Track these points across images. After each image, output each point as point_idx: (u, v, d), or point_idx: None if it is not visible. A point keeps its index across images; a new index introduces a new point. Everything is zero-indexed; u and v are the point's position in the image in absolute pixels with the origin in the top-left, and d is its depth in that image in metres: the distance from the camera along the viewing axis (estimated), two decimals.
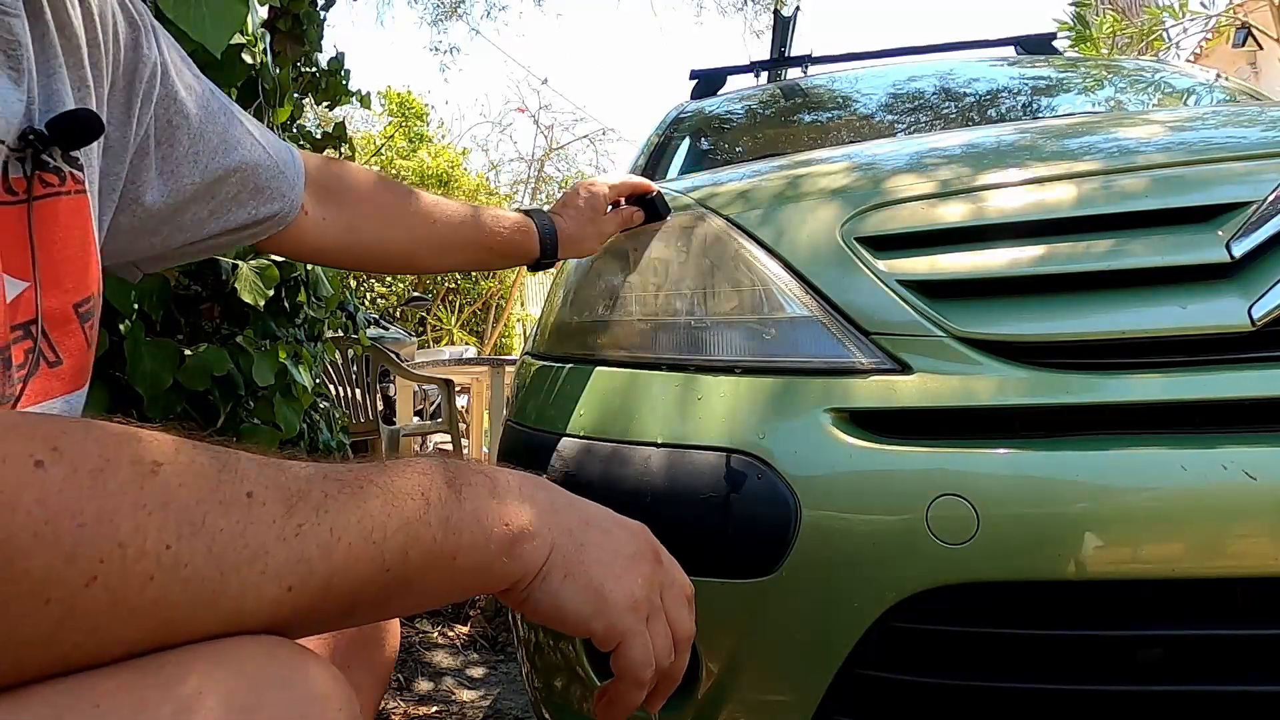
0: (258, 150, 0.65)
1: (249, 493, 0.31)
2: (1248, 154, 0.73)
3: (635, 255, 0.91)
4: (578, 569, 0.43)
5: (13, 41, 0.43)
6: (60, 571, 0.26)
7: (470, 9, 10.28)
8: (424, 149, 10.98)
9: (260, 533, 0.31)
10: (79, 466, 0.27)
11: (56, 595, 0.26)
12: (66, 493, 0.27)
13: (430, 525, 0.37)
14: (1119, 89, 1.84)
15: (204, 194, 0.61)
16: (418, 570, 0.37)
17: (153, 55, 0.56)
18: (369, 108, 2.16)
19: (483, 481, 0.40)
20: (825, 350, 0.73)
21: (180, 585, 0.29)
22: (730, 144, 2.06)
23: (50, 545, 0.26)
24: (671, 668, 0.47)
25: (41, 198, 0.45)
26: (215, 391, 1.30)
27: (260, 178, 0.65)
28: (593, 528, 0.45)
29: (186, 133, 0.59)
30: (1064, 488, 0.63)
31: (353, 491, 0.35)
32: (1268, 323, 0.64)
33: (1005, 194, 0.77)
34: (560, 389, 0.86)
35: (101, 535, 0.27)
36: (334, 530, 0.33)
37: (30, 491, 0.26)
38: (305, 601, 0.33)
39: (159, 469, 0.29)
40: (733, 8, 9.53)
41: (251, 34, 1.33)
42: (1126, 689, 0.63)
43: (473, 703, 1.64)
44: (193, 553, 0.29)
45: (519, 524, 0.41)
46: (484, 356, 7.26)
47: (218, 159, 0.61)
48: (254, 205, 0.65)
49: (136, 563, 0.28)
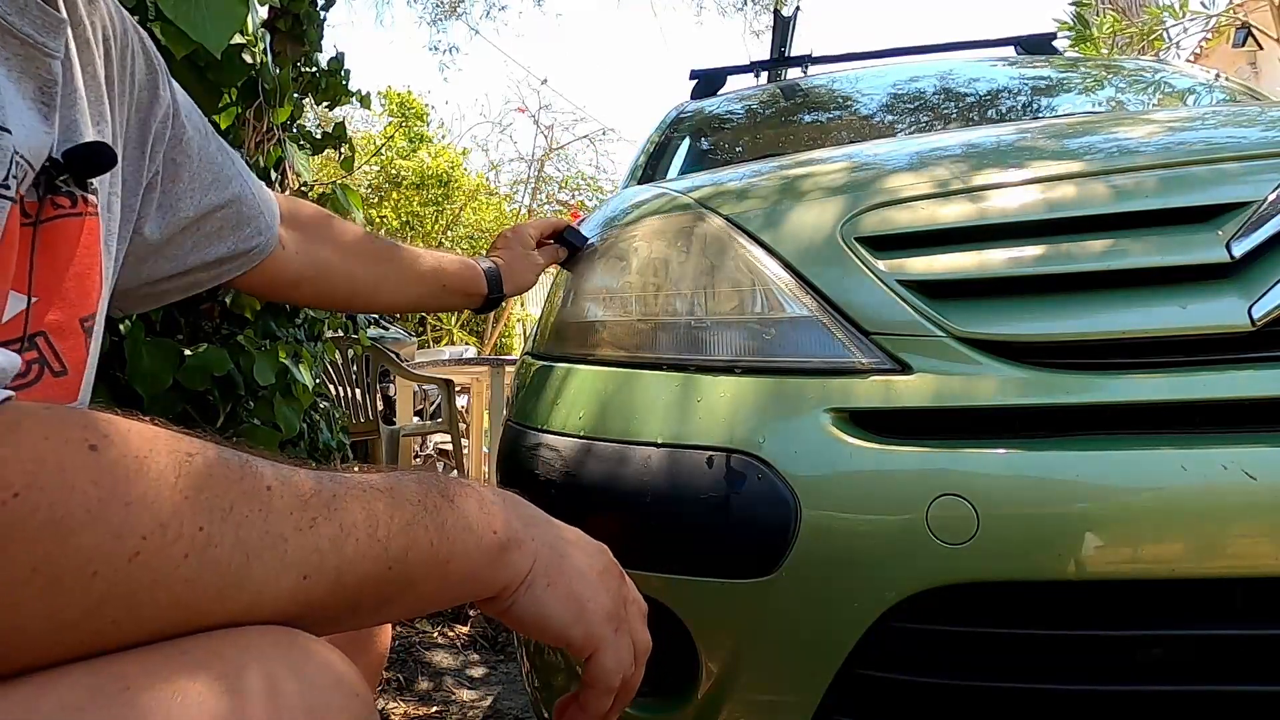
0: (244, 186, 0.69)
1: (268, 486, 0.33)
2: (1248, 154, 0.73)
3: (635, 255, 0.91)
4: (559, 579, 0.45)
5: (50, 81, 0.45)
6: (108, 547, 0.28)
7: (470, 9, 10.28)
8: (424, 149, 10.98)
9: (279, 522, 0.33)
10: (126, 452, 0.29)
11: (103, 570, 0.28)
12: (117, 474, 0.29)
13: (428, 529, 0.39)
14: (1119, 89, 1.84)
15: (192, 227, 0.66)
16: (416, 572, 0.38)
17: (166, 98, 0.61)
18: (369, 108, 2.15)
19: (471, 494, 0.43)
20: (825, 350, 0.73)
21: (210, 566, 0.31)
22: (730, 144, 2.06)
23: (101, 522, 0.28)
24: (630, 679, 0.50)
25: (50, 220, 0.47)
26: (215, 391, 1.30)
27: (244, 212, 0.69)
28: (567, 543, 0.48)
29: (188, 170, 0.64)
30: (1064, 488, 0.63)
31: (358, 493, 0.37)
32: (1268, 323, 0.64)
33: (1005, 194, 0.77)
34: (560, 389, 0.86)
35: (145, 514, 0.29)
36: (343, 526, 0.35)
37: (86, 473, 0.28)
38: (318, 593, 0.34)
39: (192, 458, 0.31)
40: (733, 8, 9.53)
41: (251, 34, 1.33)
42: (1126, 689, 0.63)
43: (473, 703, 1.64)
44: (222, 535, 0.31)
45: (507, 533, 0.43)
46: (484, 356, 7.25)
47: (211, 195, 0.66)
48: (234, 239, 0.69)
49: (174, 543, 0.29)
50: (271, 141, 1.56)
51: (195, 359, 1.24)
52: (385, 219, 10.14)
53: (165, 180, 0.63)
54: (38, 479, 0.27)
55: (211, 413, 1.31)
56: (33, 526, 0.26)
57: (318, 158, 2.17)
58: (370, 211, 9.82)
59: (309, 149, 1.79)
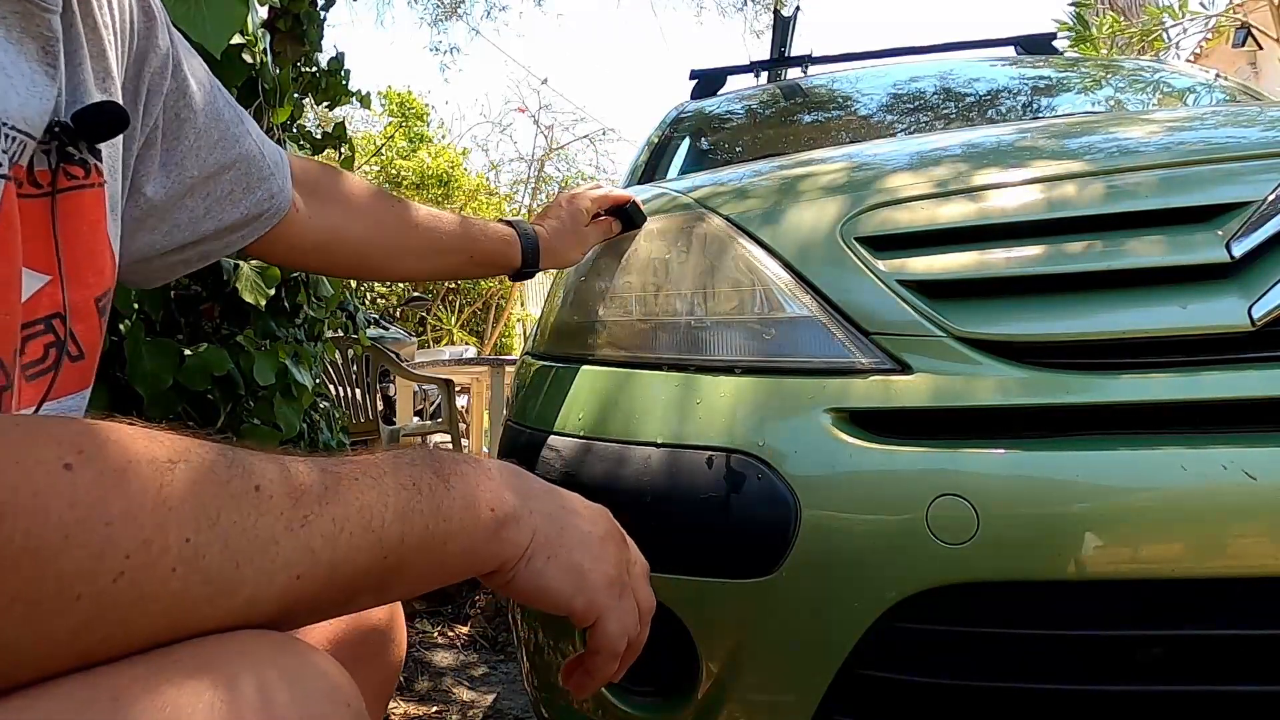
0: (253, 146, 0.65)
1: (257, 486, 0.33)
2: (1248, 154, 0.73)
3: (635, 255, 0.91)
4: (559, 550, 0.45)
5: (51, 37, 0.43)
6: (90, 569, 0.27)
7: (470, 9, 10.27)
8: (424, 149, 10.97)
9: (270, 524, 0.32)
10: (104, 468, 0.28)
11: (86, 591, 0.27)
12: (94, 494, 0.28)
13: (423, 513, 0.38)
14: (1119, 89, 1.84)
15: (200, 188, 0.61)
16: (413, 556, 0.38)
17: (164, 46, 0.56)
18: (369, 108, 2.15)
19: (468, 470, 0.42)
20: (825, 350, 0.73)
21: (200, 576, 0.30)
22: (730, 144, 2.05)
23: (81, 545, 0.27)
24: (636, 639, 0.50)
25: (66, 190, 0.45)
26: (215, 391, 1.30)
27: (254, 173, 0.65)
28: (568, 511, 0.47)
29: (192, 127, 0.59)
30: (1064, 488, 0.63)
31: (350, 483, 0.36)
32: (1268, 323, 0.64)
33: (1005, 194, 0.77)
34: (560, 389, 0.86)
35: (128, 532, 0.28)
36: (336, 520, 0.35)
37: (61, 496, 0.27)
38: (312, 590, 0.34)
39: (174, 466, 0.30)
40: (733, 8, 9.52)
41: (251, 34, 1.33)
42: (1126, 689, 0.63)
43: (473, 703, 1.64)
44: (210, 544, 0.30)
45: (504, 509, 0.42)
46: (484, 356, 7.25)
47: (218, 153, 0.61)
48: (247, 201, 0.65)
49: (160, 557, 0.29)
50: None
51: (195, 359, 1.24)
52: None
53: (167, 137, 0.58)
54: (10, 506, 0.26)
55: (211, 413, 1.31)
56: (9, 555, 0.26)
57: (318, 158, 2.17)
58: None
59: (309, 149, 1.79)
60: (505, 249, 0.88)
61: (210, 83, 0.62)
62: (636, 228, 0.94)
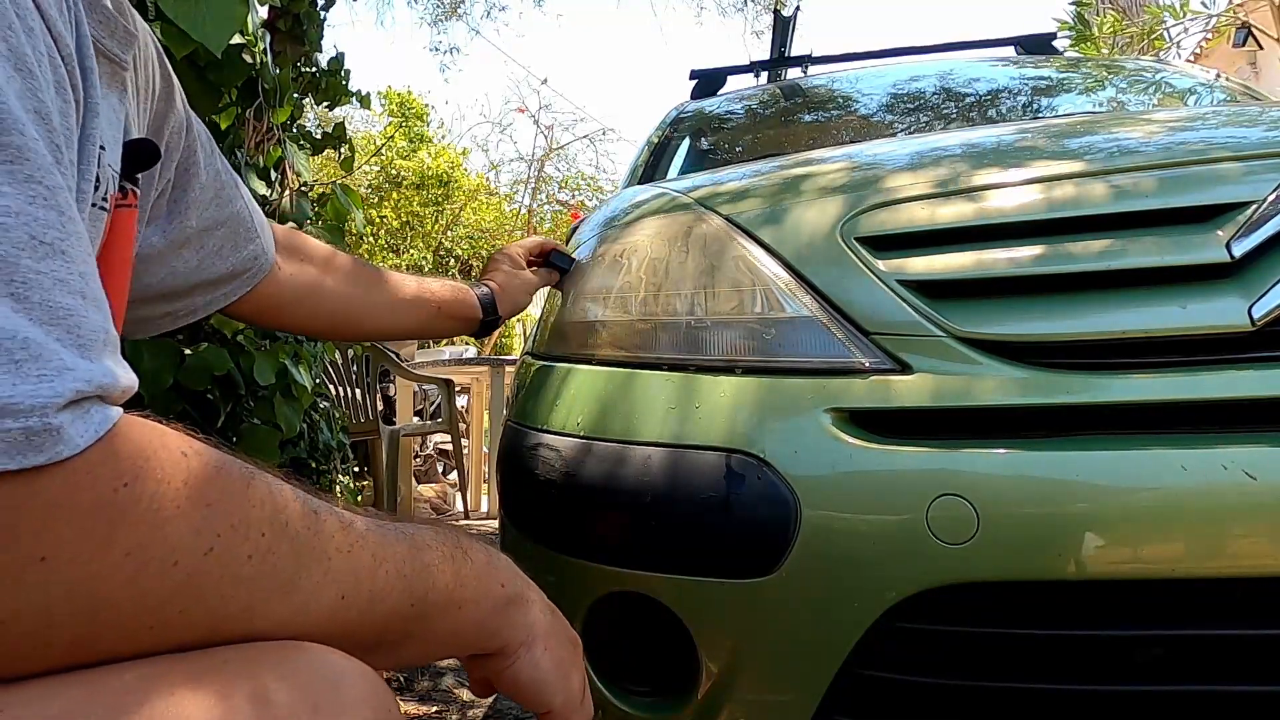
0: (244, 207, 0.71)
1: (315, 510, 0.38)
2: (1248, 154, 0.73)
3: (635, 255, 0.91)
4: (552, 642, 0.49)
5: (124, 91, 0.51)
6: (189, 540, 0.32)
7: (470, 9, 10.26)
8: (424, 149, 10.98)
9: (324, 543, 0.37)
10: (208, 462, 0.34)
11: (183, 560, 0.31)
12: (202, 478, 0.33)
13: (445, 574, 0.43)
14: (1119, 89, 1.84)
15: (196, 240, 0.67)
16: (433, 612, 0.42)
17: (180, 110, 0.63)
18: (369, 108, 2.15)
19: (482, 550, 0.47)
20: (825, 350, 0.73)
21: (268, 570, 0.34)
22: (730, 144, 2.05)
23: (186, 517, 0.32)
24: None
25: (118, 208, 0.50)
26: (215, 391, 1.30)
27: (243, 232, 0.71)
28: (552, 611, 0.51)
29: (198, 182, 0.66)
30: (1064, 488, 0.63)
31: (385, 532, 0.41)
32: (1268, 323, 0.64)
33: (1005, 194, 0.77)
34: (560, 389, 0.86)
35: (221, 515, 0.33)
36: (375, 556, 0.39)
37: (180, 474, 0.32)
38: (351, 616, 0.38)
39: (255, 476, 0.35)
40: (733, 8, 9.51)
41: (251, 34, 1.33)
42: (1126, 689, 0.63)
43: (473, 702, 1.64)
44: (279, 544, 0.35)
45: (513, 588, 0.47)
46: (484, 356, 7.25)
47: (213, 210, 0.68)
48: (235, 258, 0.71)
49: (242, 542, 0.33)
50: (271, 141, 1.56)
51: (195, 359, 1.24)
52: (385, 219, 10.14)
53: (176, 188, 0.65)
54: (144, 473, 0.31)
55: (211, 413, 1.31)
56: (137, 513, 0.30)
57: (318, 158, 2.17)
58: (370, 212, 9.82)
59: (309, 149, 1.78)
60: (465, 297, 0.97)
61: (211, 145, 0.69)
62: (567, 271, 1.02)
